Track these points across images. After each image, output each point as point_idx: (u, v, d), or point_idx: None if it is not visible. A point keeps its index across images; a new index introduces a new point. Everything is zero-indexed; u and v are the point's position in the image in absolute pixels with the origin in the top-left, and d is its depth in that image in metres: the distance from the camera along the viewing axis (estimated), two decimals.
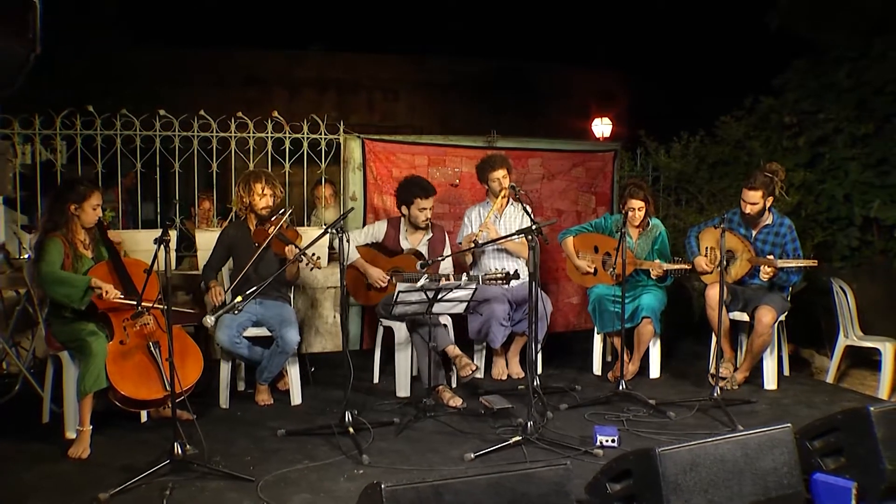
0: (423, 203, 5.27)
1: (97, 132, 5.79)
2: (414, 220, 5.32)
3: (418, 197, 5.27)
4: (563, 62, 13.61)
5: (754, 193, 5.14)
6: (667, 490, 2.94)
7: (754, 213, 5.18)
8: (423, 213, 5.29)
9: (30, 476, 3.75)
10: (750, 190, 5.16)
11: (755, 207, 5.17)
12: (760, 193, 5.13)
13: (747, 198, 5.17)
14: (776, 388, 5.26)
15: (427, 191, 5.31)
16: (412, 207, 5.29)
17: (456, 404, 4.80)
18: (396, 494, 2.62)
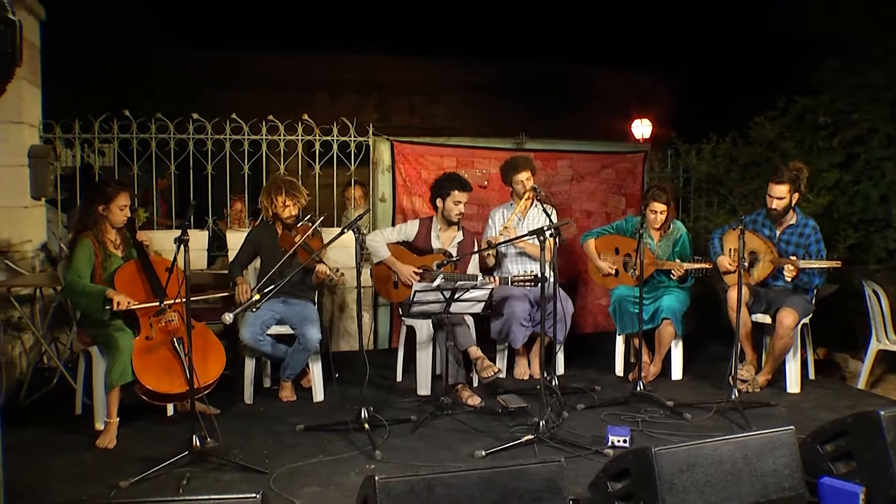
0: (459, 196, 5.34)
1: (133, 136, 6.00)
2: (447, 213, 5.39)
3: (456, 189, 5.34)
4: (605, 64, 13.52)
5: (781, 187, 5.10)
6: (662, 489, 2.96)
7: (780, 208, 5.13)
8: (457, 206, 5.36)
9: (58, 463, 3.94)
10: (777, 184, 5.11)
11: (782, 202, 5.12)
12: (787, 188, 5.09)
13: (774, 192, 5.13)
14: (799, 392, 5.21)
15: (465, 185, 5.39)
16: (448, 200, 5.35)
17: (474, 403, 4.87)
18: (389, 486, 2.70)
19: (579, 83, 13.68)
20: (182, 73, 11.12)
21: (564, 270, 6.74)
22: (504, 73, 13.70)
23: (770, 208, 5.18)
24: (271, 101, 7.77)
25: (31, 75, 5.76)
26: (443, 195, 5.37)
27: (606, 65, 13.40)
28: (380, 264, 5.42)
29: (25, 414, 4.71)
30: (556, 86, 13.54)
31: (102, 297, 4.25)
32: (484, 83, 13.84)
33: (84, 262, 4.34)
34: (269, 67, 12.75)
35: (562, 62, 13.44)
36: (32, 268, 5.60)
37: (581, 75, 13.69)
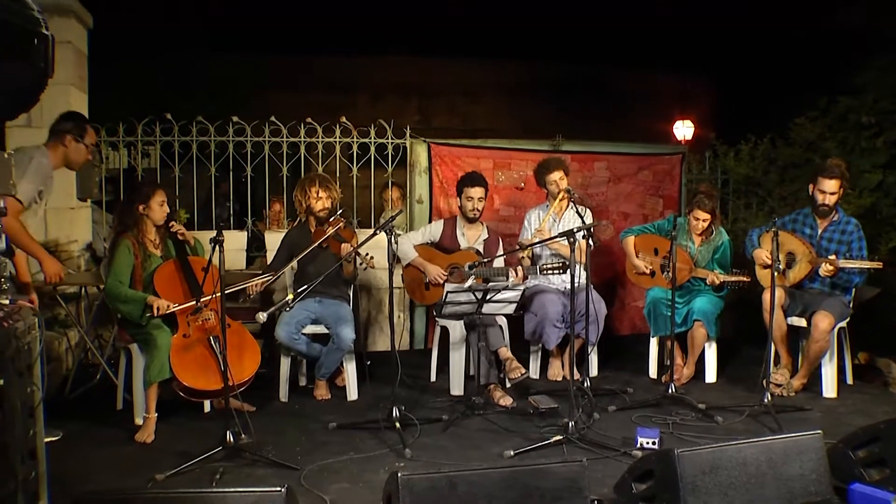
0: (471, 192, 5.44)
1: (174, 139, 6.14)
2: (463, 209, 5.50)
3: (466, 185, 5.49)
4: (647, 65, 13.43)
5: (833, 182, 5.04)
6: (684, 491, 2.97)
7: (831, 203, 5.07)
8: (470, 202, 5.45)
9: (99, 455, 4.07)
10: (829, 179, 5.05)
11: (833, 197, 5.07)
12: (838, 182, 5.04)
13: (826, 187, 5.06)
14: (835, 397, 5.13)
15: (475, 181, 5.49)
16: (462, 197, 5.49)
17: (506, 404, 4.89)
18: (412, 483, 2.76)
19: (621, 84, 13.63)
20: (225, 77, 11.33)
21: (602, 272, 6.74)
22: (545, 74, 13.70)
23: (821, 204, 5.10)
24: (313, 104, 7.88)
25: (79, 80, 5.93)
26: (459, 195, 5.53)
27: (648, 65, 13.32)
28: (409, 267, 5.48)
29: (69, 408, 4.85)
30: (597, 87, 13.51)
31: (143, 304, 4.39)
32: (525, 84, 13.86)
33: (123, 265, 4.47)
34: (310, 70, 12.93)
35: (603, 63, 13.39)
36: (78, 267, 5.77)
37: (623, 76, 13.64)
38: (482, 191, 5.48)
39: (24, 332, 2.89)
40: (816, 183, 5.12)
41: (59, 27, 5.65)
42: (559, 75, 13.60)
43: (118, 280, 4.45)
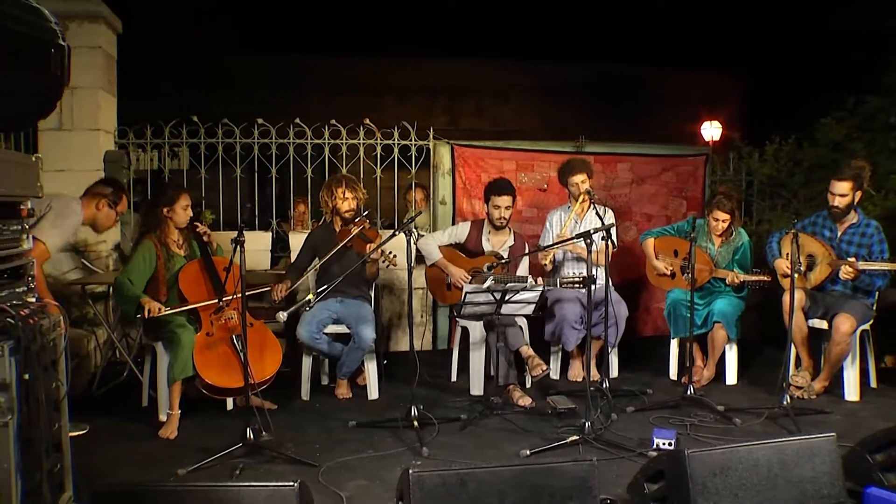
0: (498, 200, 5.43)
1: (201, 140, 6.26)
2: (490, 217, 5.50)
3: (493, 194, 5.48)
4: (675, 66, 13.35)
5: (843, 184, 4.99)
6: (694, 491, 2.97)
7: (842, 206, 5.03)
8: (497, 210, 5.45)
9: (123, 450, 4.18)
10: (839, 181, 5.01)
11: (844, 200, 5.01)
12: (849, 185, 4.98)
13: (836, 189, 5.02)
14: (857, 400, 5.08)
15: (502, 188, 5.47)
16: (489, 205, 5.50)
17: (525, 403, 4.92)
18: (422, 480, 2.79)
19: (649, 85, 13.55)
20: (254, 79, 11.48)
21: (625, 273, 6.73)
22: (573, 75, 13.67)
23: (832, 206, 5.07)
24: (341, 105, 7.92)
25: (108, 84, 6.07)
26: (486, 201, 5.52)
27: (676, 66, 13.24)
28: (433, 267, 5.53)
29: (97, 404, 4.97)
30: (625, 87, 13.44)
31: (136, 304, 4.47)
32: (552, 85, 13.83)
33: (140, 265, 4.58)
34: (338, 72, 13.00)
35: (631, 64, 13.31)
36: (106, 266, 5.91)
37: (651, 77, 13.55)
38: (509, 199, 5.47)
39: (49, 329, 2.99)
40: (829, 185, 5.09)
41: (89, 32, 5.81)
42: (587, 76, 13.57)
43: (128, 277, 4.55)
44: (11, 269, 2.97)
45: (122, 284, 4.53)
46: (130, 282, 4.53)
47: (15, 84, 2.53)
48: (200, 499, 2.74)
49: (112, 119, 6.19)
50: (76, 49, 5.67)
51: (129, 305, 4.53)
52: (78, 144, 5.85)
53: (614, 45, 12.95)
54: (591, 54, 13.04)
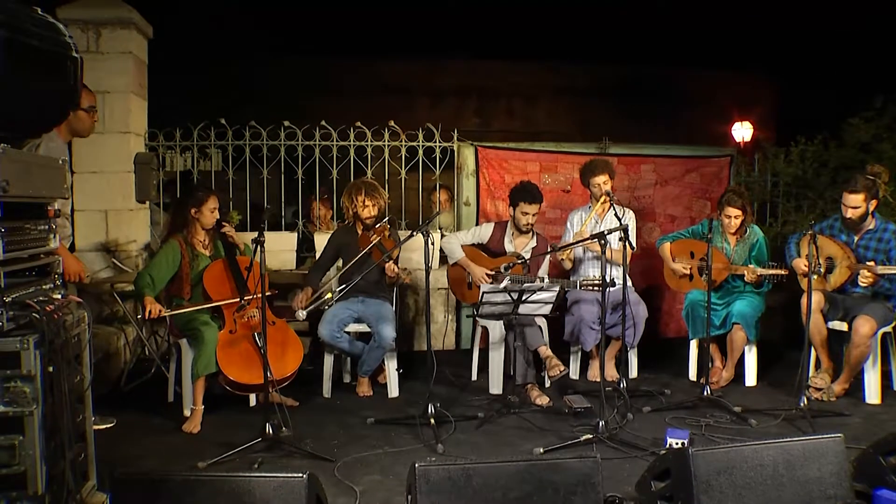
0: (527, 208, 5.46)
1: (228, 143, 6.40)
2: (517, 222, 5.54)
3: (523, 201, 5.49)
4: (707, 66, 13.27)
5: (855, 197, 4.98)
6: (698, 490, 3.00)
7: (856, 217, 5.01)
8: (525, 216, 5.48)
9: (148, 443, 4.32)
10: (851, 193, 5.00)
11: (857, 212, 5.00)
12: (862, 197, 4.97)
13: (848, 202, 5.02)
14: (879, 403, 5.04)
15: (534, 196, 5.49)
16: (516, 210, 5.52)
17: (542, 403, 4.96)
18: (428, 473, 2.87)
19: (680, 85, 13.48)
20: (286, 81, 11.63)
21: (647, 275, 6.72)
22: (603, 76, 13.63)
23: (846, 217, 5.05)
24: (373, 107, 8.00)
25: (139, 88, 6.24)
26: (513, 205, 5.53)
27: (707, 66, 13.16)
28: (455, 266, 5.59)
29: (125, 399, 5.12)
30: (656, 88, 13.38)
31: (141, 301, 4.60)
32: (583, 86, 13.82)
33: (163, 264, 4.71)
34: (370, 74, 13.11)
35: (662, 64, 13.27)
36: (136, 266, 6.07)
37: (682, 77, 13.49)
38: (538, 207, 5.52)
39: (73, 325, 3.12)
40: (841, 196, 5.07)
41: (120, 38, 5.98)
42: (617, 77, 13.53)
43: (148, 273, 4.69)
44: (39, 267, 3.10)
45: (140, 280, 4.67)
46: (151, 277, 4.66)
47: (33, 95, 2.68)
48: (212, 489, 2.84)
49: (143, 122, 6.36)
50: (108, 55, 5.93)
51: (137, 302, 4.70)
52: (110, 147, 6.01)
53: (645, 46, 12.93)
54: (622, 55, 13.03)
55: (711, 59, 12.78)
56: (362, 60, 13.01)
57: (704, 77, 13.46)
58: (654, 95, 13.30)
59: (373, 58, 13.04)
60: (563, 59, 13.45)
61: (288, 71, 11.88)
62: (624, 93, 13.36)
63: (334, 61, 12.83)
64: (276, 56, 11.82)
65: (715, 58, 12.69)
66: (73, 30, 5.86)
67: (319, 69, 12.48)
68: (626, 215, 5.62)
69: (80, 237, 5.96)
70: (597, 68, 13.62)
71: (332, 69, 12.73)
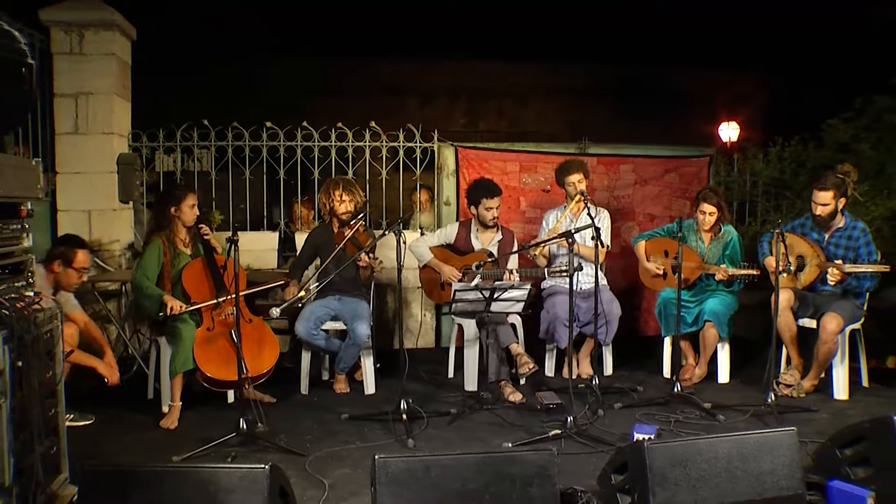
0: (490, 203, 5.55)
1: (211, 143, 6.48)
2: (482, 219, 5.62)
3: (484, 197, 5.58)
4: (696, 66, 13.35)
5: (825, 194, 5.07)
6: (653, 482, 3.08)
7: (825, 214, 5.10)
8: (489, 212, 5.57)
9: (127, 439, 4.42)
10: (820, 191, 5.10)
11: (826, 209, 5.09)
12: (831, 194, 5.06)
13: (818, 199, 5.11)
14: (846, 399, 5.13)
15: (492, 191, 5.59)
16: (479, 207, 5.60)
17: (515, 399, 5.05)
18: (387, 465, 2.95)
19: (670, 86, 13.52)
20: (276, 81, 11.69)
21: (627, 274, 6.81)
22: (593, 76, 13.70)
23: (815, 215, 5.15)
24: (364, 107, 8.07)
25: (122, 90, 6.32)
26: (474, 203, 5.61)
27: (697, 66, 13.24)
28: (426, 268, 5.68)
29: (106, 397, 5.15)
30: (645, 88, 13.43)
31: (159, 302, 4.69)
32: (573, 86, 13.88)
33: (152, 263, 4.79)
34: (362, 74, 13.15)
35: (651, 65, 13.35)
36: (119, 265, 6.15)
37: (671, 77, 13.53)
38: (499, 199, 5.62)
39: (45, 321, 3.20)
40: (811, 194, 5.16)
41: (103, 40, 6.06)
42: (607, 77, 13.59)
43: (145, 275, 4.76)
44: (12, 265, 3.18)
45: (142, 284, 4.75)
46: (147, 278, 4.75)
47: None
48: (179, 480, 2.92)
49: (126, 123, 6.44)
50: (91, 56, 6.01)
51: (151, 303, 4.75)
52: (93, 148, 6.10)
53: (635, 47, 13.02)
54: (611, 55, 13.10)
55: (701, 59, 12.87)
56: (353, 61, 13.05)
57: (695, 77, 13.51)
58: (644, 96, 13.35)
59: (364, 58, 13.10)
60: (552, 59, 13.52)
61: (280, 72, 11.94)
62: (613, 93, 13.42)
63: (330, 61, 12.89)
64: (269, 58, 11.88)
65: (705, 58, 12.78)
66: (56, 31, 5.98)
67: (315, 69, 12.53)
68: (599, 214, 5.71)
69: None
70: (586, 68, 13.69)
71: (326, 69, 12.77)
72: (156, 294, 4.71)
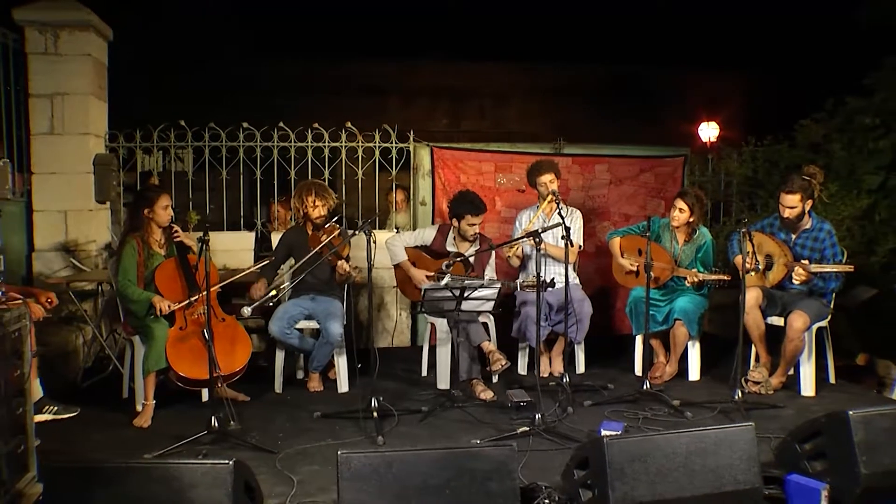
0: (473, 220, 5.55)
1: (187, 144, 6.52)
2: (463, 233, 5.62)
3: (469, 213, 5.55)
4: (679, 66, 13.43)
5: (792, 197, 5.15)
6: (612, 477, 3.14)
7: (793, 216, 5.19)
8: (472, 227, 5.58)
9: (100, 438, 4.44)
10: (788, 194, 5.18)
11: (794, 211, 5.18)
12: (798, 197, 5.14)
13: (785, 202, 5.19)
14: (813, 395, 5.22)
15: (478, 209, 5.56)
16: (462, 222, 5.58)
17: (486, 397, 5.11)
18: (350, 461, 3.00)
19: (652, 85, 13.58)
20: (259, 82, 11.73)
21: (603, 273, 6.88)
22: (575, 77, 13.72)
23: (783, 217, 5.23)
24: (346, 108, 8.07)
25: (98, 90, 6.34)
26: (458, 217, 5.58)
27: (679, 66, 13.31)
28: (399, 267, 5.72)
29: (82, 396, 5.18)
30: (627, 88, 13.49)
31: (148, 304, 4.75)
32: (555, 87, 13.90)
33: (131, 264, 4.83)
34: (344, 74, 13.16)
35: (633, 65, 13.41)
36: (96, 265, 6.17)
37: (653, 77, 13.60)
38: (482, 216, 5.62)
39: (12, 321, 3.23)
40: (779, 196, 5.24)
41: (78, 40, 6.08)
42: (589, 77, 13.65)
43: (127, 279, 4.80)
44: None
45: (127, 289, 4.79)
46: (130, 281, 4.79)
47: None
48: (143, 476, 2.96)
49: (102, 123, 6.45)
50: (67, 56, 6.03)
51: (139, 305, 4.80)
52: (69, 148, 6.11)
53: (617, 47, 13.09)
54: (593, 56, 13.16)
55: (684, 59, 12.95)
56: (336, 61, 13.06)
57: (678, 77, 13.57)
58: (627, 95, 13.43)
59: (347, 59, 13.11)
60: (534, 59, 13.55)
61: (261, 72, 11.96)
62: (596, 93, 13.49)
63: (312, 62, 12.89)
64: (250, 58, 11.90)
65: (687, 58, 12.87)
66: (31, 31, 6.00)
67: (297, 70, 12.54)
68: (572, 215, 5.78)
69: (39, 237, 6.08)
70: (569, 69, 13.73)
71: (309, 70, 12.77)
72: (144, 297, 4.76)
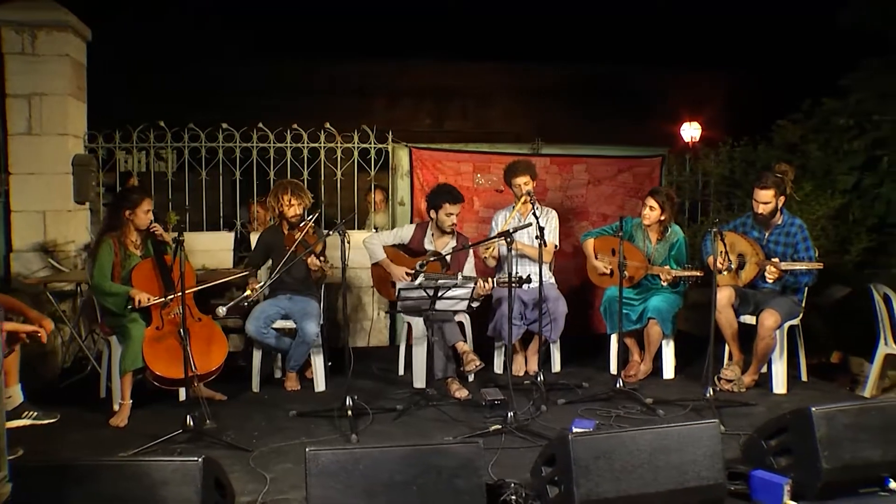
0: (451, 209, 5.62)
1: (167, 144, 6.54)
2: (441, 224, 5.68)
3: (447, 202, 5.61)
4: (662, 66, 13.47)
5: (766, 192, 5.22)
6: (577, 474, 3.20)
7: (766, 212, 5.26)
8: (449, 217, 5.64)
9: (77, 437, 4.47)
10: (762, 189, 5.24)
11: (767, 207, 5.25)
12: (772, 192, 5.22)
13: (759, 197, 5.26)
14: (784, 393, 5.29)
15: (455, 197, 5.64)
16: (440, 212, 5.63)
17: (461, 396, 5.15)
18: (318, 457, 3.05)
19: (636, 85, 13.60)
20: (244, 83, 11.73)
21: (580, 272, 6.92)
22: (559, 77, 13.76)
23: (756, 213, 5.30)
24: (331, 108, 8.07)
25: (77, 91, 6.35)
26: (435, 207, 5.64)
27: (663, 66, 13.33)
28: (377, 265, 5.77)
29: (60, 397, 5.22)
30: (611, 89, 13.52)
31: (126, 296, 4.77)
32: (539, 87, 13.92)
33: (107, 263, 4.85)
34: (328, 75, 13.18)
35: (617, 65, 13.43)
36: (74, 266, 6.18)
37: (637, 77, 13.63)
38: (460, 206, 5.67)
39: None
40: (752, 192, 5.31)
41: (56, 41, 6.09)
42: (573, 77, 13.68)
43: (103, 274, 4.83)
44: None
45: (102, 283, 4.81)
46: (105, 277, 4.81)
47: None
48: (114, 473, 3.01)
49: (81, 124, 6.46)
50: (44, 57, 6.04)
51: (117, 299, 4.82)
52: (47, 149, 6.12)
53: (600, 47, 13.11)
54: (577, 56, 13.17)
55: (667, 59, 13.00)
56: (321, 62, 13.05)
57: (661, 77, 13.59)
58: (610, 96, 13.47)
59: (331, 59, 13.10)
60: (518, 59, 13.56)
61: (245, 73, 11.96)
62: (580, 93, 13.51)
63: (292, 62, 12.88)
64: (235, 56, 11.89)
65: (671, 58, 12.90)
66: (8, 31, 5.99)
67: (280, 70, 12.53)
68: (547, 215, 5.84)
69: (17, 238, 6.09)
70: (552, 69, 13.78)
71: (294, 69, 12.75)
72: (121, 291, 4.78)
